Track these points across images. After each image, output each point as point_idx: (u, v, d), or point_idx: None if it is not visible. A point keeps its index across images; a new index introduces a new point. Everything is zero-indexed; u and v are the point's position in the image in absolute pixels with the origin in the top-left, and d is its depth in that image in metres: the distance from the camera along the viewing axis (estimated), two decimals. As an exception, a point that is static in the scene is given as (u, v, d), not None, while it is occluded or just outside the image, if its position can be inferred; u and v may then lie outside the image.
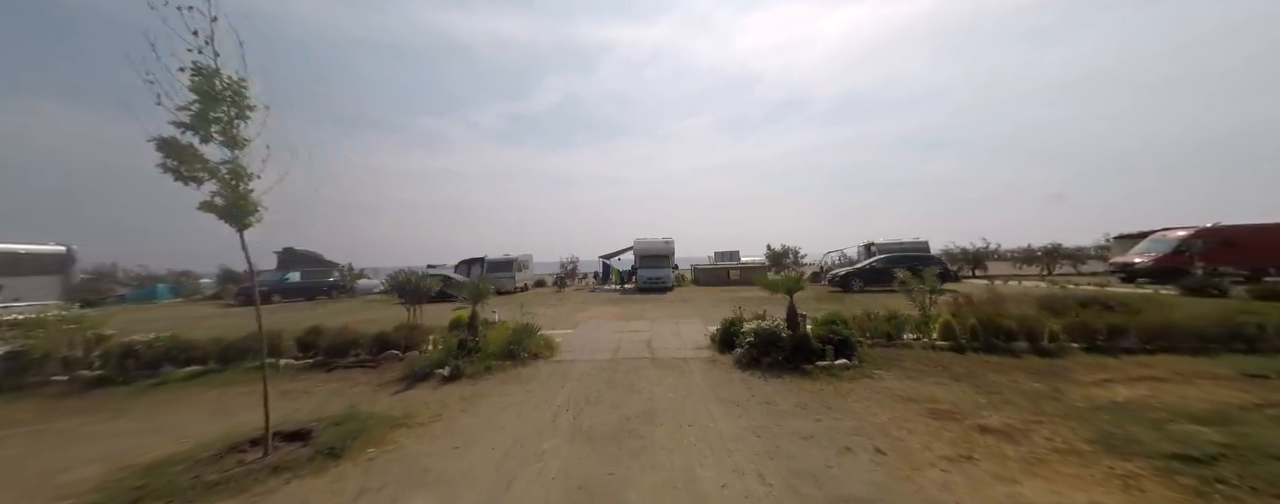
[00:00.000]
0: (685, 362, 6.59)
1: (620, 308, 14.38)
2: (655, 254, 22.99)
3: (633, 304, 15.41)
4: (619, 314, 12.62)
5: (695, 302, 15.59)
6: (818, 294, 16.68)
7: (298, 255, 23.54)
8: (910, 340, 6.90)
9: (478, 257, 25.44)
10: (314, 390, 5.74)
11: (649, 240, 23.77)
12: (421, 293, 10.02)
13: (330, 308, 18.06)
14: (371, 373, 6.48)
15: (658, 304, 15.10)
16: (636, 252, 23.29)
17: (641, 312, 12.99)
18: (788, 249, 28.57)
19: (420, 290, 10.00)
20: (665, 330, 9.35)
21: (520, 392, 5.42)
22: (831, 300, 14.30)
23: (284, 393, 5.62)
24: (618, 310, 13.54)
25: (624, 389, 5.39)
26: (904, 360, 6.05)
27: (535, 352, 7.09)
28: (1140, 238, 19.92)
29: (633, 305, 14.99)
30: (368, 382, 6.08)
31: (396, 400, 5.22)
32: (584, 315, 12.56)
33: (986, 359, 6.07)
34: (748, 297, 17.45)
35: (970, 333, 6.53)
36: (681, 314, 12.15)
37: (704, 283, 25.12)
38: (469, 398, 5.22)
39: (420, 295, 10.03)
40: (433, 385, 5.76)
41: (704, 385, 5.42)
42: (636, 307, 14.46)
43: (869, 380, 5.35)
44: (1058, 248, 24.97)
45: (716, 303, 14.86)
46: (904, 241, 20.30)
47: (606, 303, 16.15)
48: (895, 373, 5.60)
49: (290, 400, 5.32)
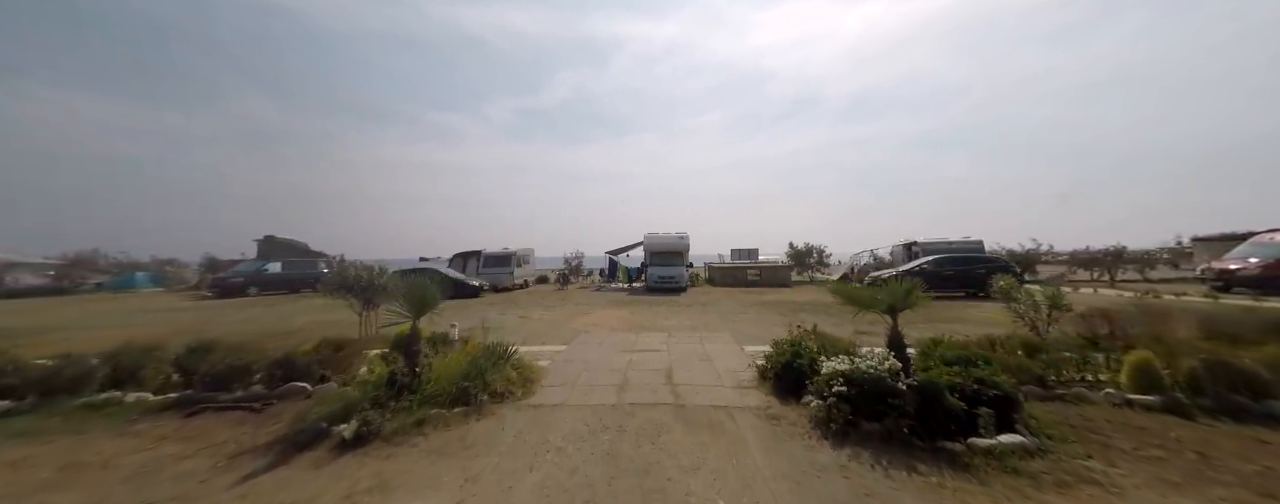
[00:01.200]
0: (728, 415, 4.27)
1: (628, 312, 12.11)
2: (668, 251, 20.68)
3: (643, 307, 13.14)
4: (627, 321, 10.34)
5: (717, 306, 13.28)
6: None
7: (279, 244, 21.58)
8: (1082, 388, 4.45)
9: (474, 250, 23.28)
10: (119, 461, 3.50)
11: (661, 235, 21.45)
12: (374, 293, 7.82)
13: (305, 304, 15.98)
14: (249, 422, 4.24)
15: (672, 308, 12.82)
16: (647, 247, 20.99)
17: (654, 319, 10.71)
18: (811, 248, 26.06)
19: (374, 289, 7.81)
20: (689, 350, 7.04)
21: (455, 480, 3.16)
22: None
23: (70, 466, 3.42)
24: (625, 316, 11.27)
25: (634, 478, 3.11)
26: (1103, 432, 3.64)
27: (503, 389, 4.81)
28: (1226, 241, 17.20)
29: (643, 309, 12.73)
30: (229, 440, 3.85)
31: (233, 499, 2.98)
32: (584, 321, 10.30)
33: (1239, 432, 3.68)
34: (776, 301, 14.85)
35: (1190, 381, 4.11)
36: (704, 323, 9.83)
37: (721, 283, 22.75)
38: (361, 495, 2.98)
39: (372, 297, 7.83)
40: (320, 456, 3.51)
41: (772, 474, 3.13)
42: (648, 311, 12.19)
43: (1088, 490, 2.88)
44: (1122, 251, 22.19)
45: (742, 308, 12.51)
46: (952, 240, 17.76)
47: (612, 305, 13.89)
48: (1124, 467, 3.13)
49: (45, 496, 3.11)
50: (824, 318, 9.97)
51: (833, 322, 9.56)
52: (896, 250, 21.58)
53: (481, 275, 21.28)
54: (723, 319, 10.56)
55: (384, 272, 8.12)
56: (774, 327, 9.14)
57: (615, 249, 25.83)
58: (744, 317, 10.99)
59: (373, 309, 7.75)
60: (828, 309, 11.77)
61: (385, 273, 8.12)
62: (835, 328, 8.39)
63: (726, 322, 10.19)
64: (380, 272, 8.06)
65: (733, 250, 27.83)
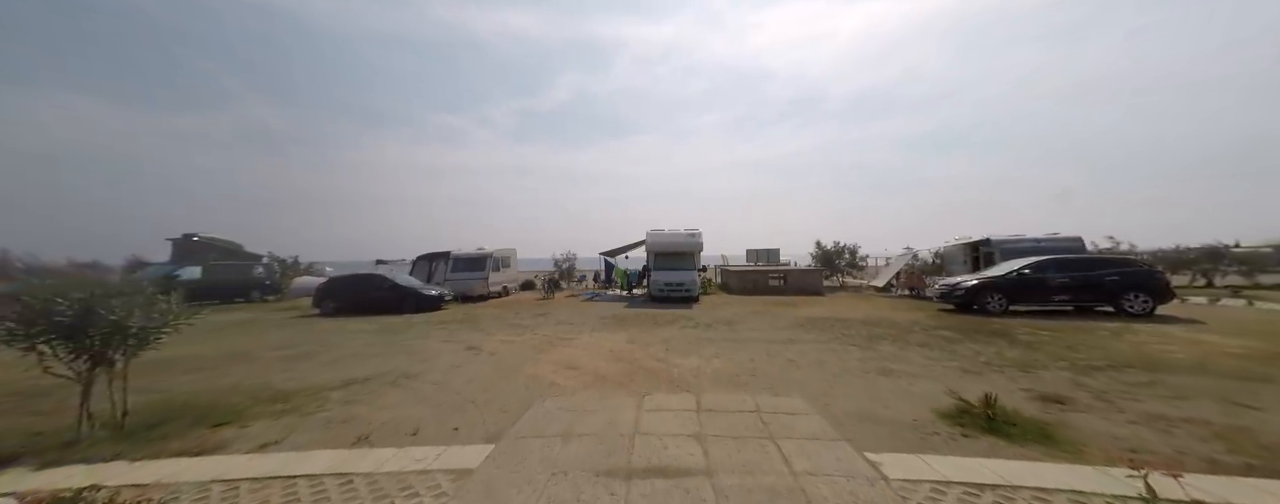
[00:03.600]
0: None
1: (626, 338, 8.32)
2: (675, 251, 16.92)
3: (646, 329, 9.36)
4: (623, 359, 6.54)
5: (746, 327, 9.51)
6: (923, 318, 10.50)
7: (200, 246, 17.79)
8: None
9: (441, 251, 19.52)
10: None
11: (668, 233, 17.69)
12: (103, 333, 3.96)
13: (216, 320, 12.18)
14: None
15: (688, 331, 9.06)
16: (651, 248, 17.23)
17: (666, 354, 6.92)
18: (843, 247, 22.26)
19: (97, 326, 3.94)
20: (752, 464, 3.26)
21: None
22: (962, 333, 8.13)
23: None
24: (621, 347, 7.48)
25: None
26: None
27: None
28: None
29: (647, 332, 8.95)
30: None
31: None
32: (556, 362, 6.48)
33: None
34: (824, 317, 10.59)
35: None
36: (747, 366, 6.01)
37: (737, 290, 19.00)
38: None
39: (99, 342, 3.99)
40: None
41: None
42: (653, 336, 8.40)
43: None
44: (1222, 250, 18.45)
45: (785, 333, 8.69)
46: (1039, 238, 14.01)
47: (605, 325, 10.12)
48: None
49: None
50: (937, 358, 6.21)
51: (959, 368, 5.81)
52: (951, 251, 17.81)
53: (449, 282, 17.52)
54: (770, 357, 6.77)
55: (138, 286, 4.20)
56: (866, 379, 5.38)
57: (611, 250, 22.07)
58: (798, 351, 7.21)
59: (108, 365, 3.95)
60: (908, 335, 8.03)
61: (140, 286, 4.23)
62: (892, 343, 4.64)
63: (777, 360, 6.39)
64: (129, 286, 4.15)
65: (748, 251, 24.06)
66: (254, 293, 18.49)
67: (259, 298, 18.62)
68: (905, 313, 11.89)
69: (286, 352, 7.76)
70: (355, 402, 4.83)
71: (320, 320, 12.07)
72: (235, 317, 13.21)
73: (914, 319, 10.60)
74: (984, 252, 15.47)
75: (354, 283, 14.08)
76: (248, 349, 8.09)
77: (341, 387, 5.46)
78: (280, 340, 9.01)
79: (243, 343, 8.81)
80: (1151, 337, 7.84)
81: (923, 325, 9.60)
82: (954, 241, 17.49)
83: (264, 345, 8.45)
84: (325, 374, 6.09)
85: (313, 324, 11.45)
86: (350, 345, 8.26)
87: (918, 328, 9.32)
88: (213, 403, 4.85)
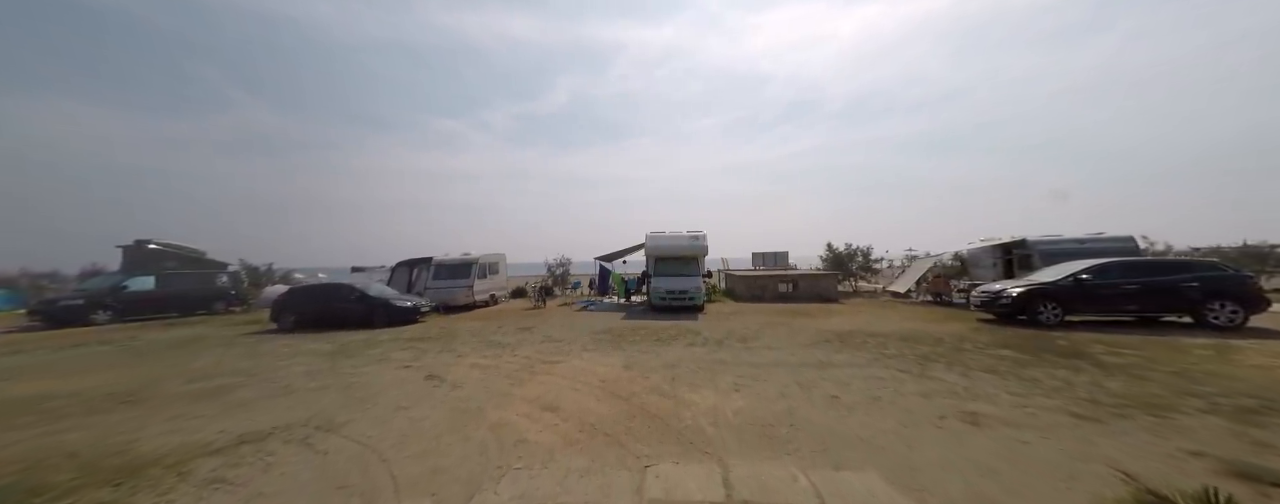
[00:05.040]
0: None
1: (622, 361, 6.81)
2: (678, 256, 15.47)
3: (647, 346, 7.87)
4: (617, 390, 5.01)
5: (763, 342, 8.03)
6: (965, 331, 9.06)
7: (155, 253, 16.24)
8: None
9: (422, 257, 18.01)
10: None
11: (669, 235, 16.23)
12: None
13: (152, 338, 10.63)
14: None
15: (693, 347, 7.57)
16: (651, 252, 15.77)
17: (672, 387, 5.41)
18: (856, 250, 20.82)
19: None
20: None
21: None
22: (1025, 352, 6.57)
23: None
24: (615, 373, 5.95)
25: None
26: None
27: None
28: None
29: (647, 352, 7.45)
30: None
31: None
32: (532, 398, 4.97)
33: None
34: (850, 331, 8.63)
35: None
36: (782, 404, 4.50)
37: (744, 297, 17.55)
38: None
39: None
40: None
41: None
42: (655, 360, 6.90)
43: None
44: (1269, 250, 17.08)
45: (811, 351, 7.08)
46: (1082, 238, 12.58)
47: (598, 342, 8.61)
48: None
49: None
50: (1021, 392, 4.69)
51: (1062, 409, 4.33)
52: (977, 253, 16.39)
53: (430, 290, 16.02)
54: (804, 390, 5.30)
55: None
56: (950, 432, 3.88)
57: (607, 254, 20.61)
58: (837, 380, 5.74)
59: None
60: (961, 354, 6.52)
61: None
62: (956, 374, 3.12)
63: (815, 396, 4.91)
64: None
65: (754, 254, 22.61)
66: (217, 304, 16.95)
67: (223, 309, 17.08)
68: (940, 324, 10.45)
69: (198, 385, 6.25)
70: (224, 479, 3.34)
71: (272, 339, 10.55)
72: (177, 333, 11.65)
73: (955, 332, 9.15)
74: (1018, 254, 14.04)
75: (318, 294, 12.55)
76: (151, 381, 6.57)
77: (228, 447, 3.96)
78: (204, 367, 7.49)
79: (154, 371, 7.29)
80: (1272, 358, 6.39)
81: (971, 341, 8.15)
82: (979, 243, 16.07)
83: (177, 375, 6.92)
84: (221, 423, 4.59)
85: (260, 343, 9.92)
86: (285, 375, 6.76)
87: (967, 344, 7.87)
88: (19, 480, 3.35)
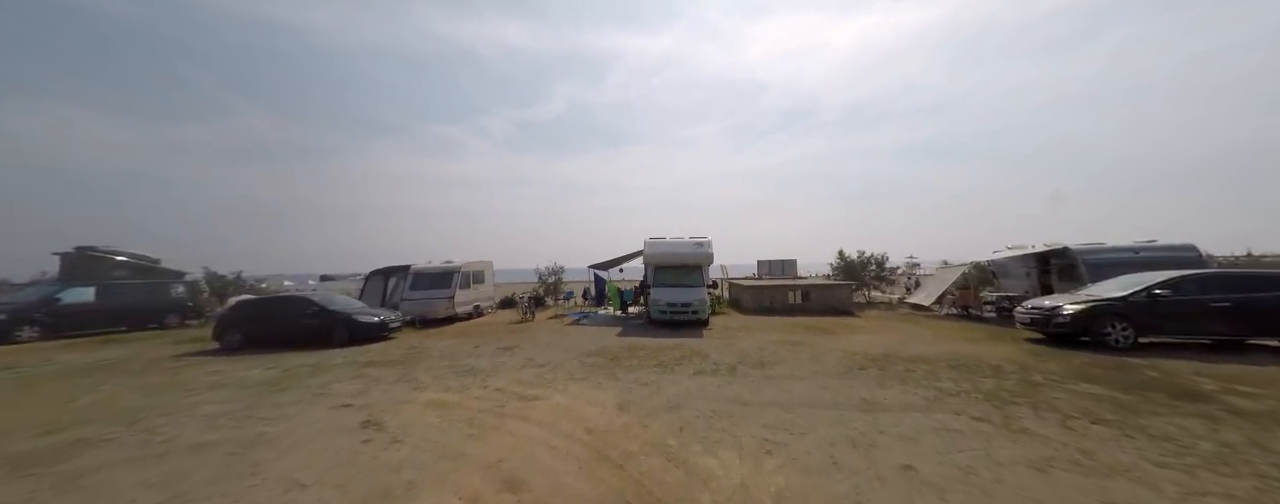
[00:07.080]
0: None
1: (615, 390, 5.29)
2: (679, 264, 13.98)
3: (646, 374, 6.36)
4: (605, 451, 3.47)
5: (786, 369, 6.54)
6: (1019, 355, 7.60)
7: (98, 261, 14.64)
8: None
9: (400, 265, 16.50)
10: None
11: (670, 241, 14.73)
12: None
13: (66, 361, 9.02)
14: None
15: (703, 376, 6.09)
16: (650, 260, 14.27)
17: (678, 438, 3.89)
18: (870, 257, 19.40)
19: None
20: None
21: None
22: (1115, 388, 4.96)
23: None
24: (605, 418, 4.42)
25: None
26: None
27: None
28: None
29: (646, 383, 5.95)
30: None
31: None
32: (484, 467, 3.43)
33: None
34: (882, 356, 6.82)
35: None
36: (832, 477, 3.00)
37: (751, 309, 16.09)
38: None
39: None
40: None
41: None
42: (656, 394, 5.39)
43: None
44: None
45: (846, 377, 5.51)
46: (1134, 246, 11.19)
47: (589, 367, 7.10)
48: None
49: None
50: (1165, 462, 3.21)
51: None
52: (1008, 262, 14.97)
53: (406, 302, 14.49)
54: (860, 453, 3.83)
55: None
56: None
57: (602, 262, 19.12)
58: (900, 435, 4.28)
59: None
60: (1040, 392, 5.04)
61: None
62: None
63: (880, 468, 3.42)
64: None
65: (760, 262, 21.16)
66: (170, 317, 15.35)
67: (177, 323, 15.47)
68: (984, 344, 8.97)
69: (51, 439, 4.70)
70: None
71: (205, 362, 8.98)
72: (101, 355, 10.04)
73: (1010, 357, 7.69)
74: (1058, 264, 12.63)
75: (270, 308, 10.99)
76: (1, 430, 5.01)
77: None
78: (85, 407, 5.94)
79: (17, 412, 5.72)
80: None
81: (1039, 371, 6.68)
82: (1009, 251, 14.66)
83: (38, 421, 5.35)
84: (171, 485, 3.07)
85: (185, 369, 8.36)
86: (180, 421, 5.23)
87: (1037, 376, 6.40)
88: None
